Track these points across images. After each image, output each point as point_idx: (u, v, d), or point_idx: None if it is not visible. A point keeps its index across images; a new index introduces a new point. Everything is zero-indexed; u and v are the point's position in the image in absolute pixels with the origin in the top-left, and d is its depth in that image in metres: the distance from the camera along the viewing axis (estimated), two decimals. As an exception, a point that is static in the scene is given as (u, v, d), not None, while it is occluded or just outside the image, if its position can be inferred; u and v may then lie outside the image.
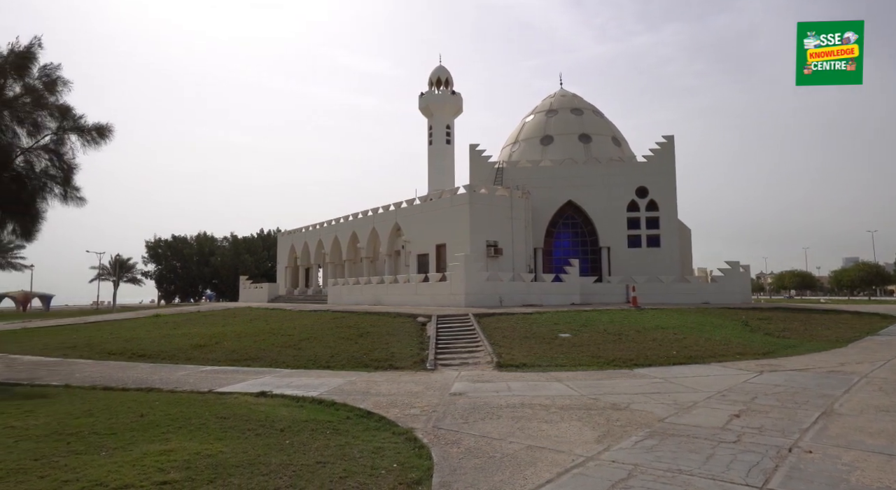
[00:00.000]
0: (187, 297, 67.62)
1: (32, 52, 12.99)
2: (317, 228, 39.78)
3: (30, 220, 13.43)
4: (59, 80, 13.29)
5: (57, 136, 13.48)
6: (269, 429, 6.74)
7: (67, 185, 13.81)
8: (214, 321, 22.13)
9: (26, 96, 12.93)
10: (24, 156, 13.24)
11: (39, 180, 13.42)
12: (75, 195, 14.01)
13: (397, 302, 25.19)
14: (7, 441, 6.04)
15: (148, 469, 5.06)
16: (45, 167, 13.51)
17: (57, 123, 13.38)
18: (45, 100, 13.11)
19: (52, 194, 13.63)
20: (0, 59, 12.69)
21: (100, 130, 13.82)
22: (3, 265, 55.04)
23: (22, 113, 12.88)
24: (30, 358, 14.90)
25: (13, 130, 12.90)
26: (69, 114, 13.44)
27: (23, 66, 12.88)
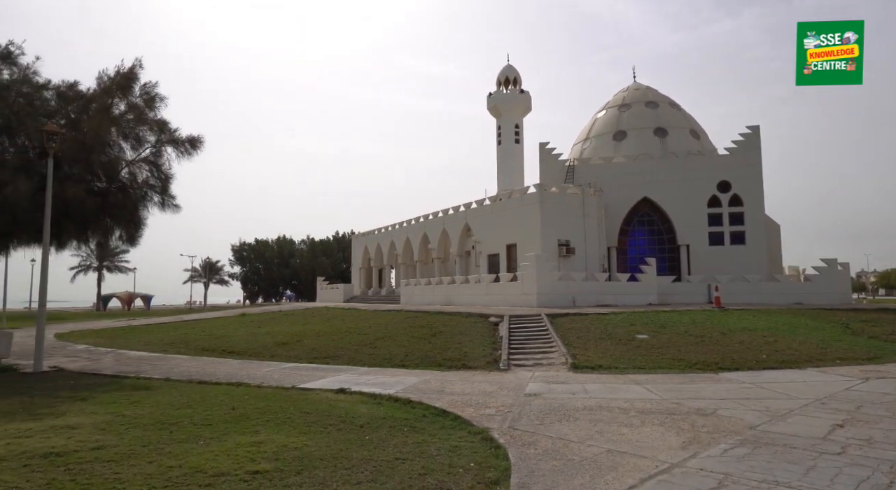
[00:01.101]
0: (269, 298, 71.27)
1: (135, 73, 14.23)
2: (388, 230, 40.69)
3: (133, 227, 14.68)
4: (157, 97, 14.49)
5: (155, 148, 14.67)
6: (350, 425, 6.97)
7: (165, 194, 14.97)
8: (295, 320, 23.16)
9: (129, 113, 14.18)
10: (128, 168, 14.51)
11: (141, 190, 14.63)
12: (171, 203, 15.16)
13: (468, 302, 25.29)
14: (120, 428, 6.62)
15: (241, 459, 5.38)
16: (146, 178, 14.74)
17: (155, 137, 14.56)
18: (145, 115, 14.32)
19: (151, 202, 14.84)
20: (108, 81, 13.99)
21: (192, 142, 14.90)
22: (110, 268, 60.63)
23: (126, 129, 14.13)
24: (135, 353, 16.25)
25: (119, 145, 14.19)
26: (166, 127, 14.59)
27: (127, 86, 14.14)
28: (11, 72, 13.13)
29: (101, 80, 14.04)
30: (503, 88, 40.54)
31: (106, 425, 6.76)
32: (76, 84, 14.01)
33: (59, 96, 13.78)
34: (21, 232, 13.10)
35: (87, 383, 10.58)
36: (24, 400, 8.49)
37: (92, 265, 59.83)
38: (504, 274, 25.41)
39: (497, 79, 41.03)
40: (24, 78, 13.21)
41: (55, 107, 13.70)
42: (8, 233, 13.03)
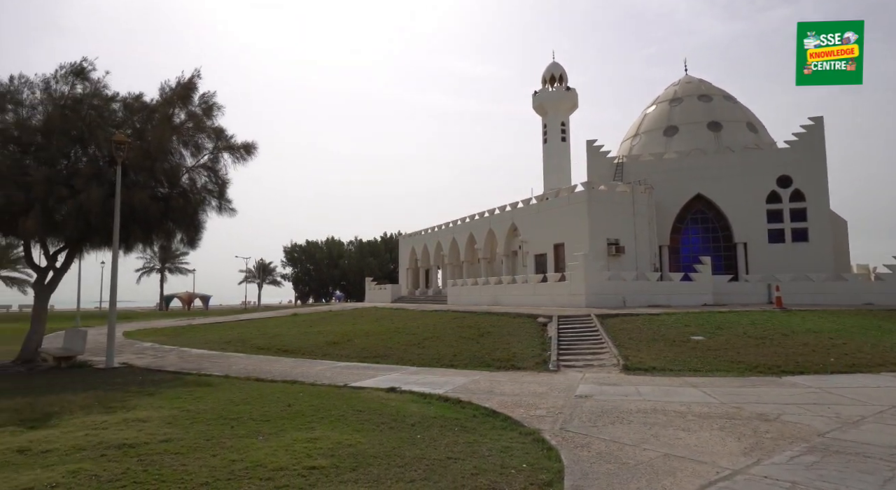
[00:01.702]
0: (319, 298, 73.02)
1: (194, 83, 14.90)
2: (435, 231, 40.94)
3: (194, 230, 15.36)
4: (215, 106, 15.12)
5: (213, 154, 15.30)
6: (401, 423, 7.07)
7: (222, 198, 15.58)
8: (345, 320, 23.64)
9: (189, 122, 14.85)
10: (188, 174, 15.19)
11: (200, 195, 15.29)
12: (228, 207, 15.77)
13: (515, 302, 25.13)
14: (185, 422, 6.96)
15: (298, 454, 5.55)
16: (205, 183, 15.39)
17: (213, 144, 15.19)
18: (203, 123, 14.96)
19: (210, 206, 15.47)
20: (169, 92, 14.72)
21: (247, 148, 15.46)
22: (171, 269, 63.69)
23: (186, 136, 14.81)
24: (196, 351, 17.01)
25: (180, 152, 14.88)
26: (223, 134, 15.20)
27: (187, 96, 14.82)
28: (84, 86, 14.02)
29: (164, 91, 14.80)
30: (549, 86, 40.08)
31: (172, 419, 7.11)
32: (141, 95, 14.84)
33: (125, 107, 14.61)
34: (94, 236, 13.95)
35: (153, 379, 11.16)
36: (98, 394, 9.04)
37: (155, 267, 63.02)
38: (552, 274, 25.12)
39: (542, 77, 40.61)
40: (95, 91, 14.08)
41: (122, 118, 14.52)
42: (82, 237, 13.90)
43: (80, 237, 13.84)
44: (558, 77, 40.14)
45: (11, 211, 12.55)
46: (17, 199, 12.39)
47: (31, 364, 13.59)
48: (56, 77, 13.80)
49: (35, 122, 13.39)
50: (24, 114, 13.40)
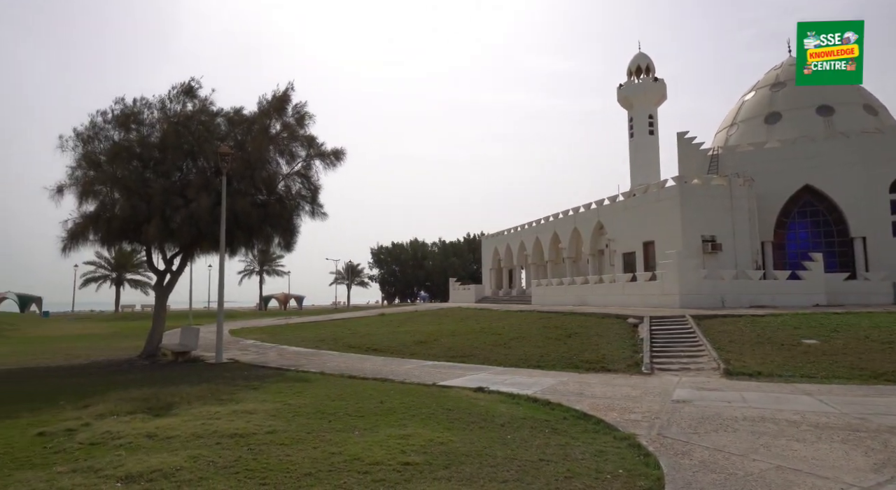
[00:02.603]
0: (405, 298, 74.77)
1: (288, 95, 15.85)
2: (518, 231, 40.60)
3: (289, 234, 16.32)
4: (307, 115, 16.00)
5: (306, 162, 16.18)
6: (491, 423, 7.08)
7: (314, 203, 16.42)
8: (430, 320, 24.04)
9: (284, 131, 15.81)
10: (283, 181, 16.16)
11: (294, 200, 16.20)
12: (320, 211, 16.59)
13: (603, 302, 24.36)
14: (287, 415, 7.38)
15: (392, 450, 5.72)
16: (298, 189, 16.30)
17: (305, 151, 16.07)
18: (297, 133, 15.87)
19: (303, 211, 16.38)
20: (266, 104, 15.74)
21: (336, 154, 16.19)
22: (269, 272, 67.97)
23: (282, 146, 15.77)
24: (293, 348, 18.02)
25: (276, 161, 15.87)
26: (314, 142, 16.03)
27: (281, 108, 15.79)
28: (193, 104, 15.38)
29: (261, 104, 15.87)
30: (635, 78, 38.48)
31: (276, 412, 7.57)
32: (241, 109, 16.00)
33: (228, 121, 15.81)
34: (203, 241, 15.22)
35: (257, 374, 11.95)
36: (210, 387, 9.81)
37: (255, 269, 67.48)
38: (641, 273, 24.09)
39: (628, 68, 39.07)
40: (202, 108, 15.39)
41: (225, 131, 15.73)
42: (194, 242, 15.20)
43: (192, 242, 15.12)
44: (645, 68, 38.44)
45: (136, 220, 13.97)
46: (141, 210, 13.79)
47: (153, 358, 15.03)
48: (170, 97, 15.23)
49: (153, 139, 14.83)
50: (144, 132, 14.90)
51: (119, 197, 14.17)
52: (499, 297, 40.33)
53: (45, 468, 5.16)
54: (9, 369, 13.50)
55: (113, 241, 15.22)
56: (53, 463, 5.32)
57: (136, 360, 14.82)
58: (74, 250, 14.85)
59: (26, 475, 4.95)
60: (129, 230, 14.42)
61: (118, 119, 14.73)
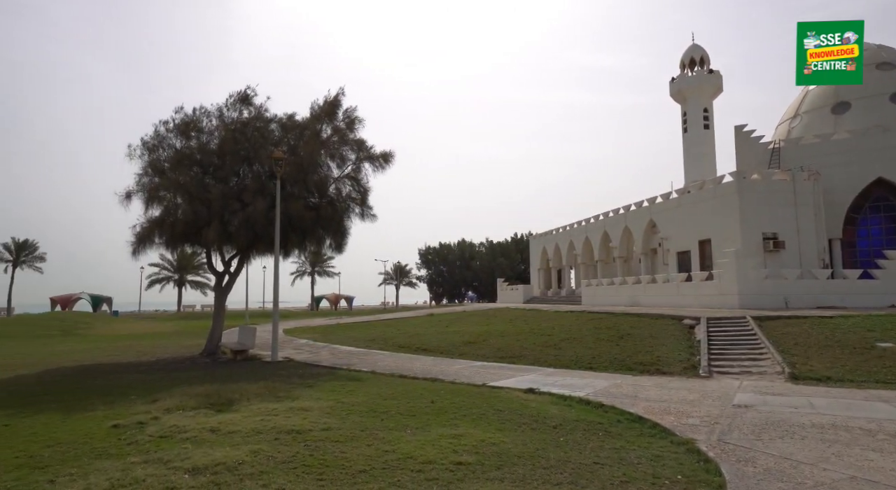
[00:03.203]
0: (452, 299, 75.01)
1: (338, 100, 16.23)
2: (567, 230, 40.00)
3: (340, 236, 16.69)
4: (356, 119, 16.35)
5: (355, 165, 16.51)
6: (543, 425, 7.01)
7: (364, 205, 16.72)
8: (479, 320, 24.02)
9: (335, 136, 16.19)
10: (334, 184, 16.54)
11: (345, 203, 16.56)
12: (369, 213, 16.88)
13: (656, 303, 23.65)
14: (341, 413, 7.56)
15: (444, 450, 5.75)
16: (349, 192, 16.66)
17: (355, 155, 16.40)
18: (347, 137, 16.22)
19: (353, 213, 16.71)
20: (318, 109, 16.17)
21: (385, 157, 16.44)
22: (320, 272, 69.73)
23: (332, 149, 16.16)
24: (345, 348, 18.41)
25: (327, 164, 16.28)
26: (363, 146, 16.34)
27: (332, 113, 16.19)
28: (249, 111, 15.99)
29: (313, 109, 16.32)
30: (688, 71, 37.18)
31: (330, 410, 7.76)
32: (294, 115, 16.50)
33: (281, 127, 16.33)
34: (259, 243, 15.79)
35: (311, 373, 12.28)
36: (268, 384, 10.15)
37: (307, 270, 69.36)
38: (697, 272, 23.26)
39: (681, 61, 37.80)
40: (257, 115, 15.98)
41: (279, 136, 16.25)
42: (250, 245, 15.79)
43: (248, 245, 15.70)
44: (699, 60, 37.07)
45: (197, 224, 14.64)
46: (201, 214, 14.44)
47: (213, 356, 15.69)
48: (227, 105, 15.89)
49: (212, 146, 15.49)
50: (204, 139, 15.60)
51: (181, 202, 14.90)
52: (547, 298, 39.85)
53: (120, 458, 5.48)
54: (85, 365, 14.41)
55: (176, 243, 16.00)
56: (127, 454, 5.65)
57: (198, 358, 15.51)
58: (142, 253, 15.73)
59: (104, 464, 5.27)
60: (191, 233, 15.12)
61: (179, 128, 15.49)
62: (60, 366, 14.28)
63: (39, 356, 17.05)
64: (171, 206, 15.16)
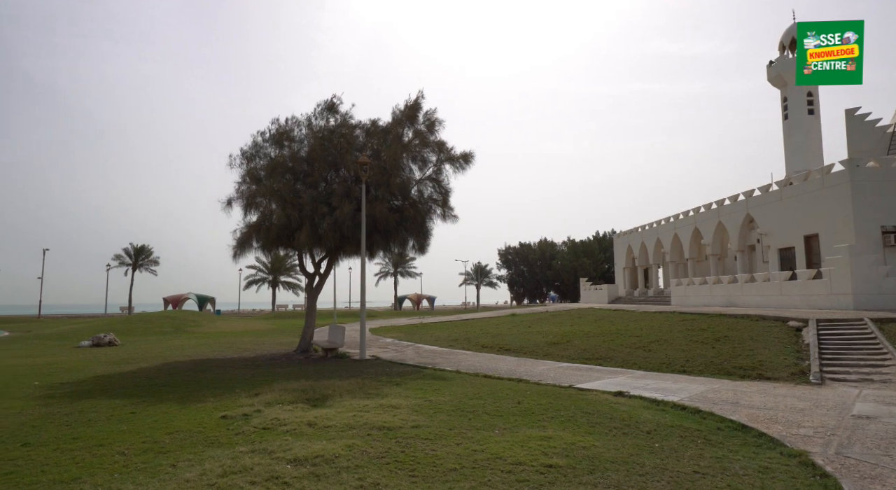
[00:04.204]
0: (534, 299, 74.11)
1: (419, 104, 16.56)
2: (654, 227, 38.28)
3: (423, 237, 17.00)
4: (436, 121, 16.59)
5: (436, 166, 16.75)
6: (635, 429, 6.76)
7: (445, 206, 16.92)
8: (562, 321, 23.57)
9: (416, 139, 16.51)
10: (416, 186, 16.88)
11: (426, 204, 16.84)
12: (451, 214, 17.05)
13: (755, 303, 22.06)
14: (429, 411, 7.69)
15: (534, 451, 5.69)
16: (430, 193, 16.92)
17: (436, 156, 16.64)
18: (427, 139, 16.50)
19: (435, 214, 16.95)
20: (399, 113, 16.59)
21: (465, 157, 16.55)
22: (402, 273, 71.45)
23: (414, 152, 16.50)
24: (429, 347, 18.72)
25: (409, 167, 16.64)
26: (444, 147, 16.54)
27: (413, 116, 16.54)
28: (335, 119, 16.71)
29: (395, 114, 16.75)
30: (788, 52, 34.33)
31: (418, 408, 7.92)
32: (377, 120, 17.02)
33: (365, 133, 16.90)
34: (347, 245, 16.43)
35: (397, 371, 12.60)
36: (358, 381, 10.54)
37: (389, 271, 71.33)
38: (802, 270, 21.42)
39: (779, 43, 35.00)
40: (343, 122, 16.65)
41: (363, 141, 16.83)
42: (338, 247, 16.47)
43: (336, 247, 16.38)
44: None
45: (290, 228, 15.49)
46: (294, 218, 15.28)
47: (306, 353, 16.51)
48: (315, 114, 16.70)
49: (302, 154, 16.33)
50: (295, 148, 16.47)
51: (276, 207, 15.83)
52: (634, 298, 38.34)
53: (230, 447, 5.91)
54: (195, 360, 15.67)
55: (271, 247, 17.01)
56: (235, 443, 6.07)
57: (293, 355, 16.39)
58: (242, 256, 16.90)
59: (216, 452, 5.71)
60: (285, 237, 16.01)
61: (273, 137, 16.46)
62: (175, 360, 15.63)
63: (157, 351, 18.77)
64: (267, 212, 16.15)
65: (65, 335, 26.90)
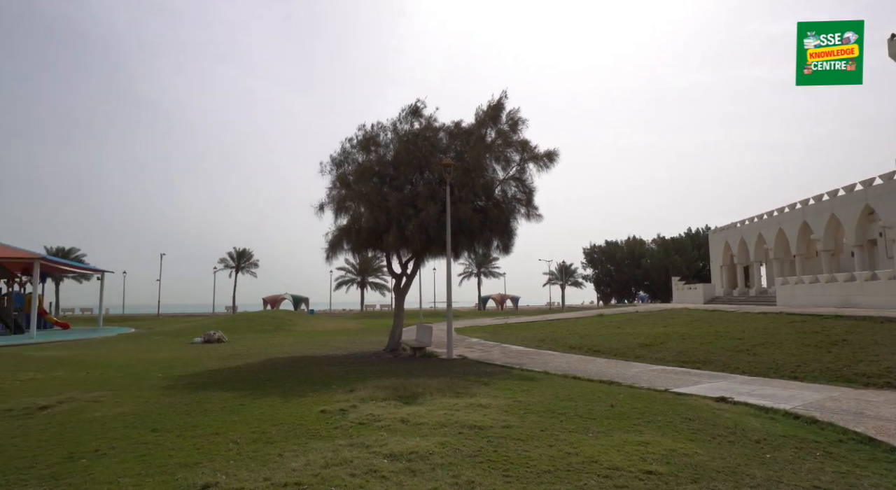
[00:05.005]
0: (622, 299, 71.55)
1: (502, 103, 16.53)
2: (755, 222, 35.69)
3: (507, 237, 16.95)
4: (520, 121, 16.49)
5: (520, 166, 16.63)
6: (742, 438, 6.34)
7: (529, 206, 16.75)
8: (654, 322, 22.55)
9: (499, 139, 16.50)
10: (500, 186, 16.86)
11: (510, 204, 16.77)
12: (535, 213, 16.86)
13: (878, 304, 19.91)
14: (519, 412, 7.64)
15: (631, 456, 5.49)
16: (514, 193, 16.84)
17: (519, 156, 16.52)
18: (510, 139, 16.43)
19: (519, 214, 16.83)
20: (482, 114, 16.65)
21: (549, 156, 16.31)
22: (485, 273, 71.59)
23: (497, 152, 16.49)
24: (515, 347, 18.61)
25: (492, 167, 16.64)
26: (527, 146, 16.39)
27: (496, 116, 16.54)
28: (419, 122, 17.08)
29: (478, 115, 16.83)
30: (913, 22, 30.69)
31: (508, 408, 7.89)
32: (460, 122, 17.17)
33: (449, 135, 17.11)
34: (432, 247, 16.72)
35: (485, 371, 12.63)
36: (446, 380, 10.69)
37: (473, 272, 71.72)
38: (937, 267, 19.07)
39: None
40: (427, 125, 16.97)
41: (446, 143, 17.05)
42: (424, 248, 16.80)
43: (422, 248, 16.72)
44: (928, 7, 30.42)
45: (378, 230, 16.01)
46: (381, 221, 15.78)
47: (395, 352, 16.98)
48: (399, 118, 17.17)
49: (388, 158, 16.83)
50: (381, 152, 17.02)
51: (364, 211, 16.42)
52: (733, 298, 35.93)
53: (329, 440, 6.21)
54: (294, 356, 16.62)
55: (360, 249, 17.66)
56: (334, 437, 6.37)
57: (382, 354, 16.92)
58: (334, 258, 17.69)
59: (317, 444, 6.02)
60: (373, 239, 16.57)
61: (361, 143, 17.10)
62: (275, 356, 16.67)
63: (259, 347, 20.11)
64: (356, 215, 16.79)
65: (180, 332, 29.48)
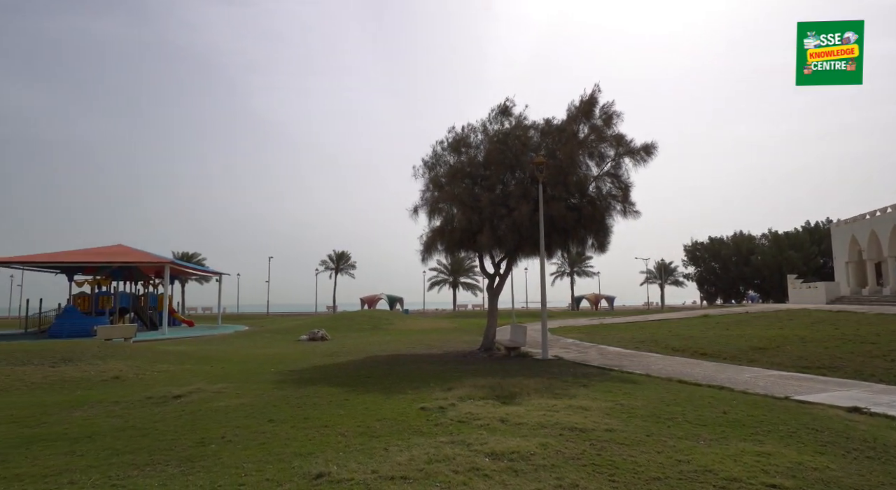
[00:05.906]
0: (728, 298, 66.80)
1: (594, 98, 16.05)
2: (888, 213, 31.88)
3: (603, 235, 16.42)
4: (614, 114, 15.92)
5: (615, 161, 16.05)
6: (882, 453, 5.71)
7: (625, 202, 16.12)
8: (767, 323, 20.82)
9: (592, 134, 16.02)
10: (594, 183, 16.38)
11: (605, 201, 16.22)
12: (632, 210, 16.18)
13: None
14: (622, 415, 7.37)
15: (751, 467, 5.12)
16: (609, 189, 16.27)
17: (614, 151, 15.95)
18: (604, 133, 15.90)
19: (615, 211, 16.25)
20: (574, 110, 16.27)
21: (646, 149, 15.59)
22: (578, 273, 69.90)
23: (590, 148, 16.03)
24: (613, 349, 17.97)
25: (586, 164, 16.20)
26: (622, 141, 15.78)
27: (588, 111, 16.08)
28: (509, 122, 17.02)
29: (570, 111, 16.46)
30: None
31: (609, 411, 7.65)
32: (551, 119, 16.91)
33: (540, 133, 16.89)
34: (525, 246, 16.59)
35: (582, 372, 12.32)
36: (543, 381, 10.55)
37: (565, 271, 70.29)
38: None
39: None
40: (517, 124, 16.86)
41: (537, 142, 16.83)
42: (517, 247, 16.71)
43: (515, 247, 16.63)
44: None
45: (471, 230, 16.15)
46: (474, 221, 15.90)
47: (489, 352, 17.02)
48: (489, 119, 17.20)
49: (479, 158, 16.91)
50: (472, 153, 17.14)
51: (457, 212, 16.63)
52: (862, 297, 32.31)
53: (431, 437, 6.35)
54: (392, 354, 17.20)
55: (453, 249, 17.90)
56: (435, 434, 6.51)
57: (477, 353, 17.02)
58: (429, 259, 18.08)
59: (419, 440, 6.18)
60: (466, 239, 16.74)
61: (451, 145, 17.32)
62: (375, 354, 17.34)
63: (360, 345, 21.02)
64: (449, 216, 17.04)
65: (288, 330, 31.51)
